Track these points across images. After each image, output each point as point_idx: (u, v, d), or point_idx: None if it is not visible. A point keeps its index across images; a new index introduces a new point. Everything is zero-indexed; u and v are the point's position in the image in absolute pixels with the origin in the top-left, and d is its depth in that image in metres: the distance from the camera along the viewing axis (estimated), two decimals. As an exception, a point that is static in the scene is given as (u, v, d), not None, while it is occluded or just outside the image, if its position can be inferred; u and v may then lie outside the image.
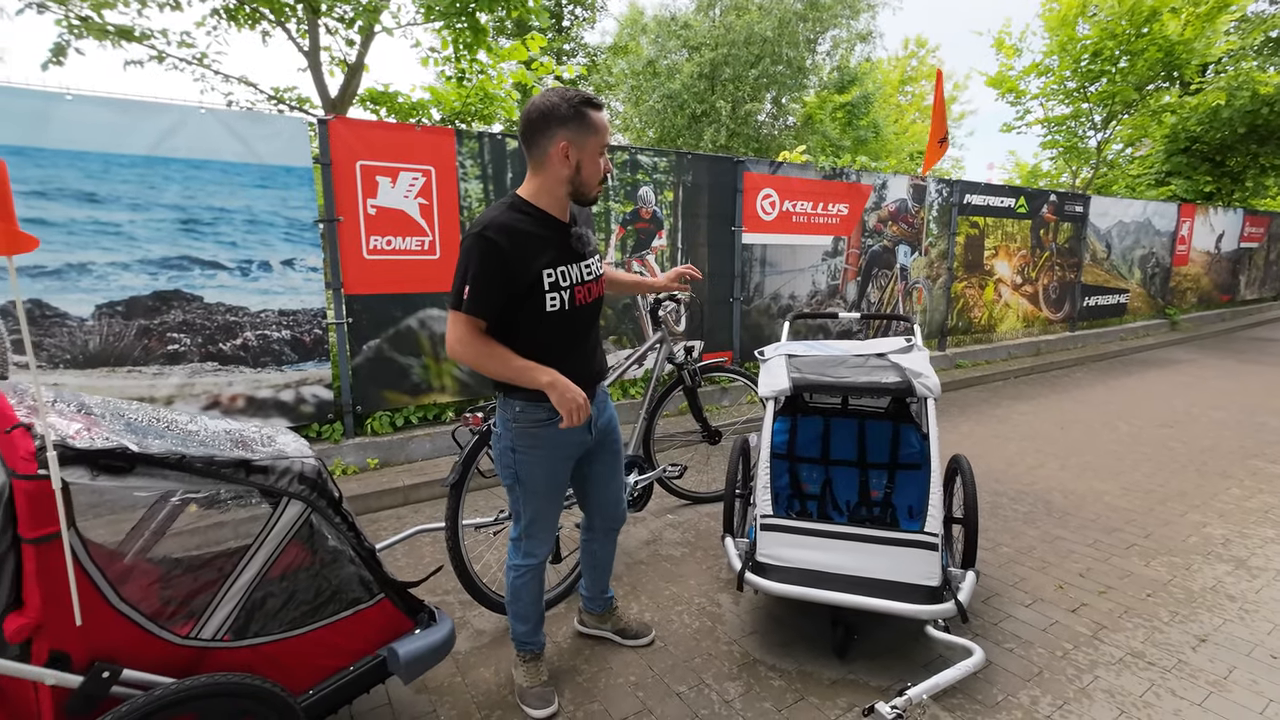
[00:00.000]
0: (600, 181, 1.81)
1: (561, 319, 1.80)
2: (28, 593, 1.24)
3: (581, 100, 1.72)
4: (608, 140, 1.80)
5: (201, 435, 1.58)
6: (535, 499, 1.96)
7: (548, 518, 2.03)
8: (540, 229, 1.77)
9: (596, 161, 1.77)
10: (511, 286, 1.71)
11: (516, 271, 1.71)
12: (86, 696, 1.27)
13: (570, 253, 1.84)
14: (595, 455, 2.08)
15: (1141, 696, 2.12)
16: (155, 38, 4.80)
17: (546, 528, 2.04)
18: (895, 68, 26.67)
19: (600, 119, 1.75)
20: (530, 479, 1.93)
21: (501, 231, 1.69)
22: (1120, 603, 2.68)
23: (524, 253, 1.72)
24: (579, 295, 1.84)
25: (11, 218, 1.15)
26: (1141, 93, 10.55)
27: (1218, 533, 3.31)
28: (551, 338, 1.80)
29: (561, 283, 1.79)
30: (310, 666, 1.66)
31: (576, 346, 1.89)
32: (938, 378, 2.58)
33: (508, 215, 1.74)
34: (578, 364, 1.87)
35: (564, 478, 2.01)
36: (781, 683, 2.19)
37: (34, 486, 1.21)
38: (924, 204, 6.83)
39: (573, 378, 1.76)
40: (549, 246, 1.78)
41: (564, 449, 1.94)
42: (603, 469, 2.12)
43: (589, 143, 1.74)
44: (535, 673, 2.12)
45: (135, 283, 3.30)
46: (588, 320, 1.93)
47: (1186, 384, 6.84)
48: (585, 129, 1.73)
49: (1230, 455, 4.50)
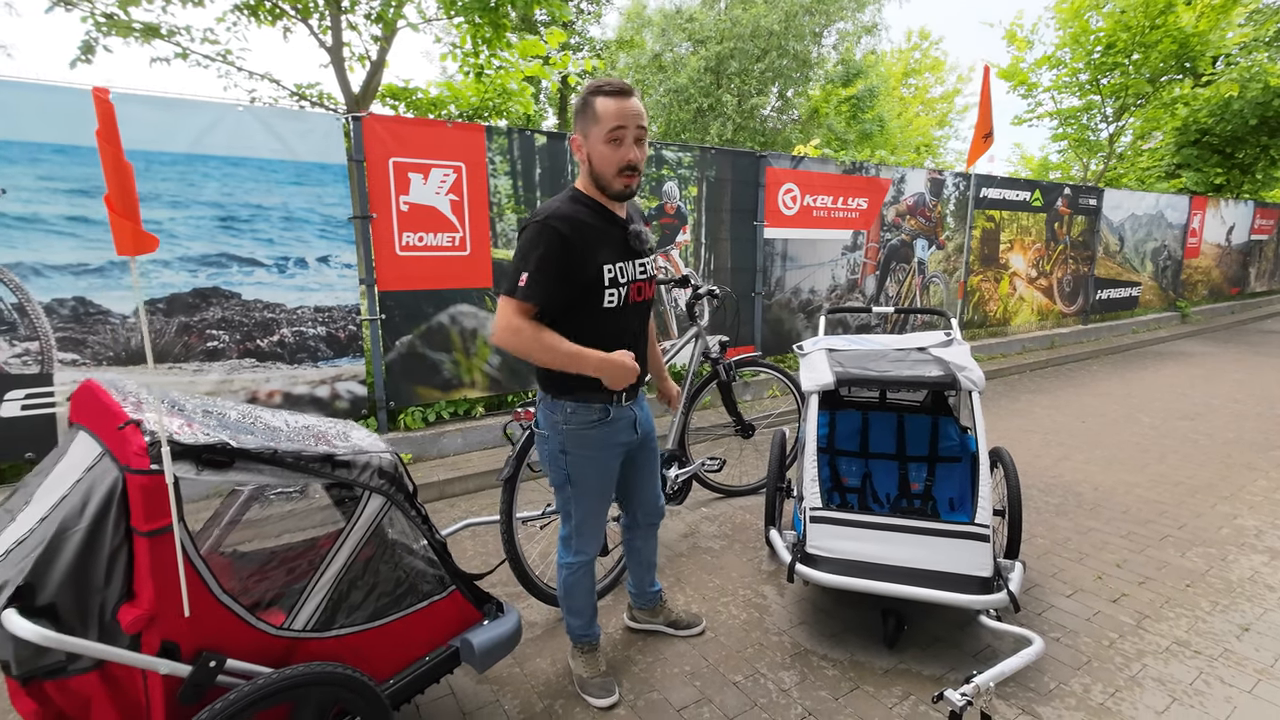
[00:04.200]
0: (621, 172, 1.72)
1: (615, 315, 1.82)
2: (139, 584, 1.27)
3: (592, 89, 1.69)
4: (619, 124, 1.67)
5: (285, 431, 1.61)
6: (587, 499, 1.98)
7: (598, 516, 2.05)
8: (600, 222, 1.78)
9: (602, 150, 1.70)
10: (571, 278, 1.71)
11: (578, 263, 1.71)
12: (195, 685, 1.30)
13: (628, 249, 1.84)
14: (636, 454, 2.10)
15: (1191, 684, 2.16)
16: (181, 34, 4.80)
17: (596, 526, 2.06)
18: (899, 60, 26.58)
19: (605, 105, 1.67)
20: (582, 479, 1.95)
21: (565, 221, 1.70)
22: (1160, 593, 2.71)
23: (586, 245, 1.72)
24: (632, 293, 1.85)
25: (137, 218, 1.17)
26: (1155, 85, 10.51)
27: (1250, 524, 3.34)
28: (604, 334, 1.80)
29: (620, 279, 1.79)
30: (389, 657, 1.69)
31: (630, 343, 1.90)
32: (981, 371, 2.60)
33: (570, 206, 1.74)
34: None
35: (614, 477, 2.03)
36: (835, 672, 2.23)
37: (149, 481, 1.23)
38: (941, 198, 6.84)
39: None
40: (609, 241, 1.79)
41: (614, 449, 1.96)
42: (643, 467, 2.15)
43: (592, 132, 1.70)
44: (594, 664, 2.16)
45: (176, 280, 3.32)
46: (640, 318, 1.95)
47: (1203, 376, 6.86)
48: (589, 119, 1.70)
49: (1254, 447, 4.53)
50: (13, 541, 1.29)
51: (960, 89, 27.17)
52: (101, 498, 1.25)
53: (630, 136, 1.69)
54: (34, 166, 2.97)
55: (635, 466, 2.13)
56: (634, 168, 1.72)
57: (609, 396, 1.87)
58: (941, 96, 27.38)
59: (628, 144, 1.70)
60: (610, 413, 1.90)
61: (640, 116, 1.70)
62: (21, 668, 1.20)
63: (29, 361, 3.07)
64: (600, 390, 1.84)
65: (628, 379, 1.78)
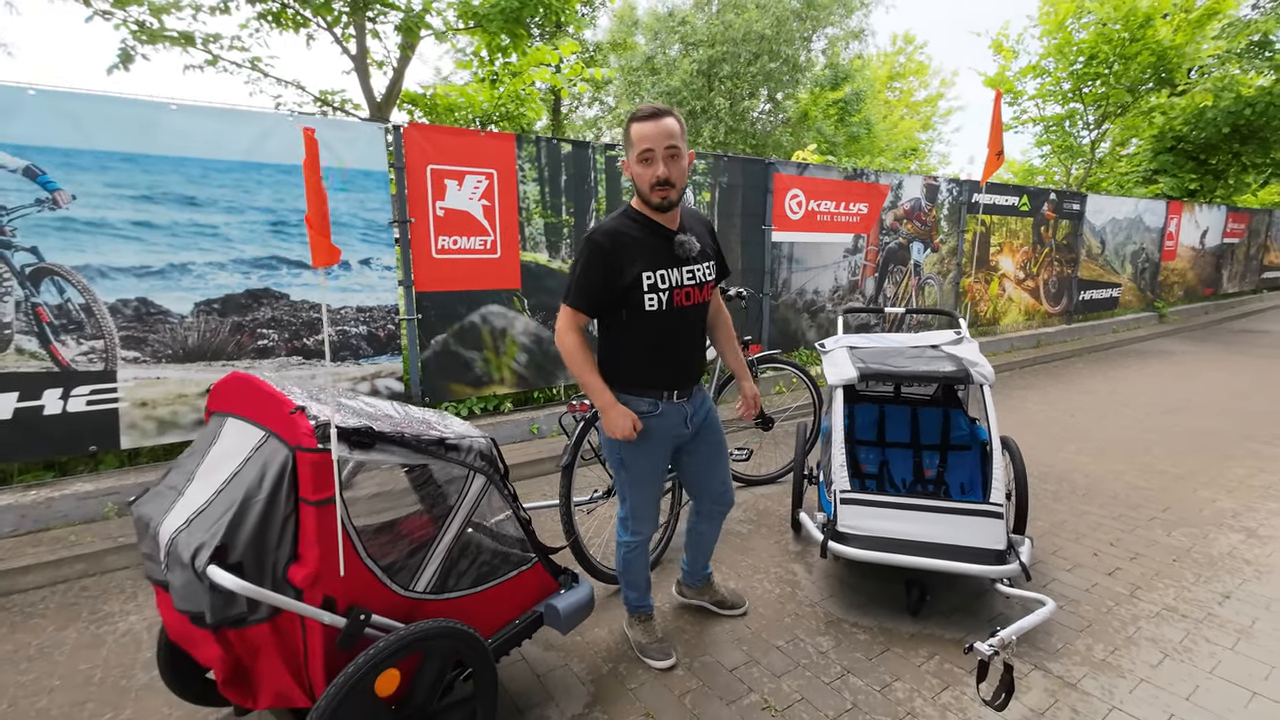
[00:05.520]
0: (653, 187, 1.90)
1: (660, 318, 1.99)
2: (304, 547, 1.48)
3: (630, 117, 1.92)
4: (648, 146, 1.86)
5: (398, 418, 1.82)
6: (638, 483, 2.19)
7: (649, 501, 2.24)
8: (645, 234, 1.97)
9: (637, 170, 1.91)
10: (612, 284, 1.94)
11: (616, 271, 1.93)
12: (349, 635, 1.51)
13: (672, 258, 2.00)
14: (693, 447, 2.26)
15: (1180, 643, 2.44)
16: (217, 42, 4.93)
17: (649, 509, 2.25)
18: (884, 64, 27.08)
19: (637, 130, 1.88)
20: (634, 465, 2.16)
21: (607, 235, 1.94)
22: (1150, 567, 3.00)
23: (624, 255, 1.93)
24: (678, 298, 2.00)
25: (327, 232, 1.38)
26: (1134, 94, 10.96)
27: (1227, 506, 3.65)
28: (651, 334, 2.00)
29: (660, 285, 1.97)
30: (489, 618, 1.91)
31: (675, 345, 2.06)
32: (990, 366, 2.87)
33: (617, 221, 1.99)
34: (674, 361, 2.07)
35: (664, 464, 2.20)
36: (866, 637, 2.48)
37: (318, 458, 1.44)
38: (936, 203, 7.15)
39: (669, 373, 2.03)
40: (650, 251, 1.96)
41: (663, 440, 2.14)
42: (703, 458, 2.30)
43: (630, 154, 1.93)
44: (650, 631, 2.38)
45: (230, 281, 3.49)
46: (689, 322, 2.08)
47: (1182, 374, 7.25)
48: (627, 143, 1.93)
49: (1230, 438, 4.87)
50: (192, 511, 1.49)
51: (943, 93, 27.79)
52: (275, 472, 1.45)
53: (659, 155, 1.87)
54: (102, 174, 3.12)
55: (693, 457, 2.29)
56: (664, 182, 1.89)
57: (658, 393, 2.07)
58: (925, 100, 27.94)
59: (656, 162, 1.88)
60: (659, 407, 2.09)
61: (670, 135, 1.87)
62: (214, 616, 1.40)
63: (94, 359, 3.23)
64: (648, 386, 2.06)
65: (622, 434, 1.99)
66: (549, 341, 4.63)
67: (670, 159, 1.89)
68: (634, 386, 2.07)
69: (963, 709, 2.10)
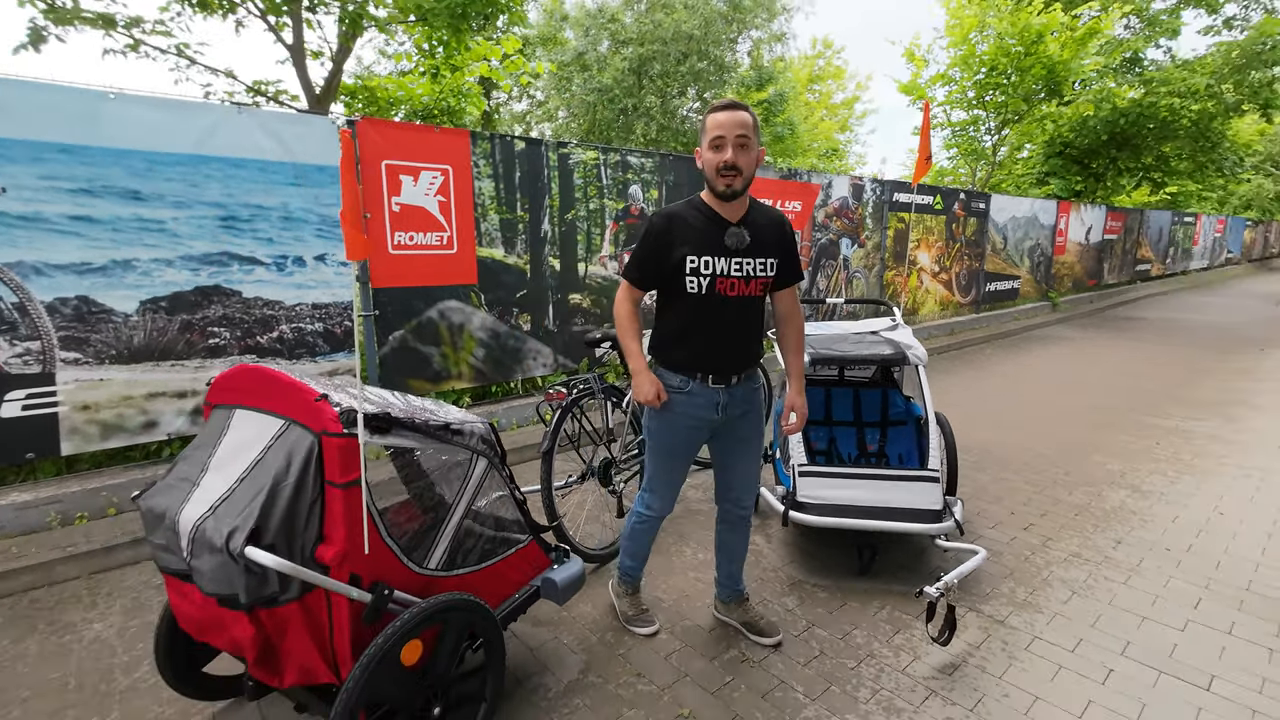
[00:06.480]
0: (719, 172, 1.98)
1: (700, 302, 2.06)
2: (331, 527, 1.55)
3: (708, 109, 2.03)
4: (720, 133, 1.95)
5: (401, 406, 1.89)
6: (656, 455, 2.27)
7: (665, 474, 2.27)
8: (701, 221, 2.06)
9: (707, 156, 2.01)
10: (661, 263, 2.07)
11: (666, 251, 2.06)
12: (375, 609, 1.59)
13: (722, 247, 2.05)
14: (722, 437, 2.27)
15: (1084, 581, 2.84)
16: (139, 25, 4.63)
17: (665, 486, 2.29)
18: (805, 67, 28.22)
19: (712, 118, 1.99)
20: (656, 434, 2.23)
21: (664, 217, 2.09)
22: (1057, 521, 3.44)
23: (675, 237, 2.04)
24: (720, 286, 2.05)
25: (360, 226, 1.45)
26: (1028, 103, 12.02)
27: (1116, 468, 4.20)
28: (688, 315, 2.10)
29: (703, 270, 2.04)
30: (493, 592, 2.02)
31: (711, 330, 2.10)
32: (924, 348, 3.21)
33: (679, 206, 2.13)
34: (713, 346, 2.11)
35: (685, 445, 2.21)
36: (826, 594, 2.75)
37: (345, 442, 1.52)
38: (862, 201, 7.65)
39: (706, 356, 2.11)
40: (701, 237, 2.04)
41: (688, 419, 2.17)
42: (726, 449, 2.29)
43: (702, 142, 2.03)
44: (636, 603, 2.54)
45: (178, 278, 3.37)
46: (732, 311, 2.10)
47: (1074, 356, 8.09)
48: (702, 131, 2.02)
49: (1117, 411, 5.55)
50: (216, 499, 1.53)
51: (859, 96, 29.24)
52: (303, 458, 1.51)
53: (730, 142, 1.95)
54: (36, 166, 2.96)
55: (719, 444, 2.30)
56: (731, 167, 1.96)
57: (690, 373, 2.13)
58: (843, 103, 29.33)
59: (726, 148, 1.96)
60: (690, 385, 2.14)
61: (742, 126, 1.95)
62: (249, 596, 1.45)
63: (30, 361, 3.06)
64: (680, 364, 2.13)
65: (644, 397, 2.13)
66: (506, 336, 4.70)
67: (740, 148, 1.96)
68: (668, 361, 2.18)
69: (913, 648, 2.39)
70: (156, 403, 3.38)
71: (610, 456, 3.10)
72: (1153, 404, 5.77)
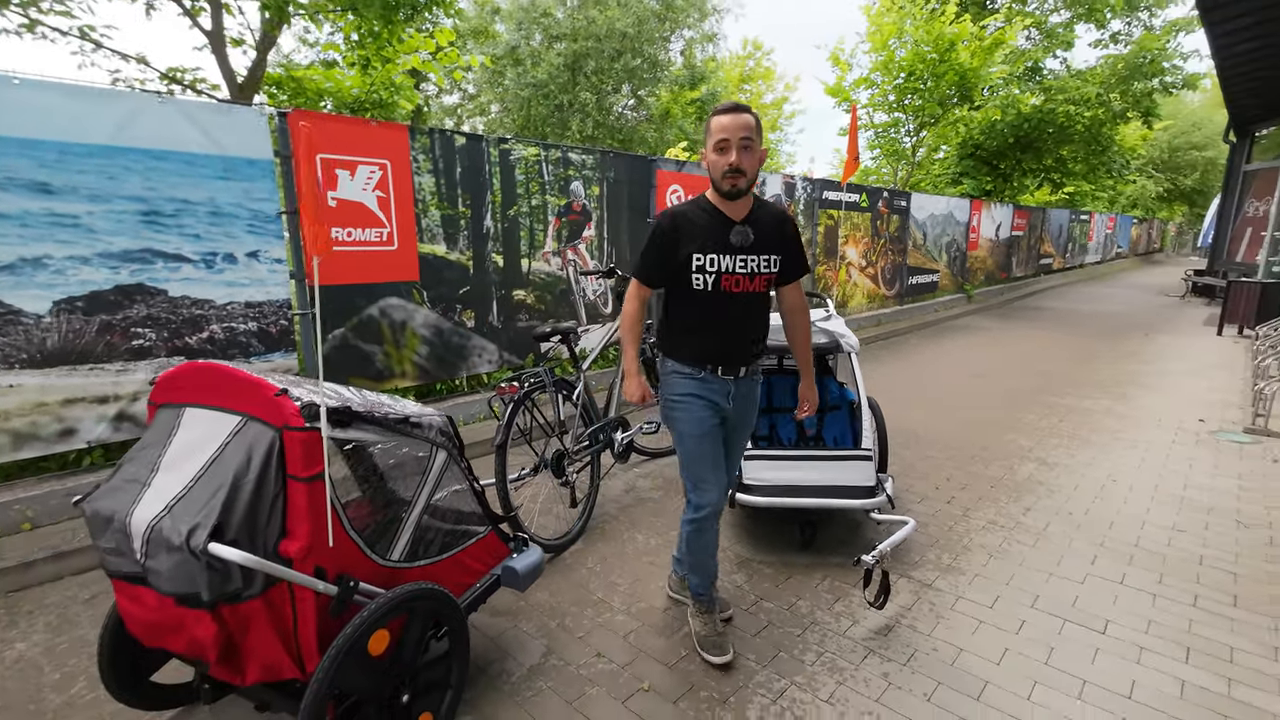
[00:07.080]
0: (724, 175, 2.03)
1: (706, 298, 2.13)
2: (294, 522, 1.55)
3: (712, 111, 2.07)
4: (724, 136, 2.01)
5: (358, 400, 1.90)
6: (682, 442, 2.24)
7: (699, 461, 2.21)
8: (705, 220, 2.11)
9: (712, 158, 2.06)
10: (667, 261, 2.13)
11: (672, 249, 2.11)
12: (341, 601, 1.60)
13: (727, 245, 2.11)
14: (724, 426, 2.30)
15: (999, 546, 3.13)
16: (34, 5, 4.26)
17: (710, 470, 2.21)
18: (736, 67, 28.85)
19: (716, 121, 2.04)
20: (679, 424, 2.23)
21: (670, 217, 2.15)
22: (975, 493, 3.74)
23: (681, 235, 2.11)
24: (725, 283, 2.11)
25: (322, 220, 1.45)
26: (943, 107, 12.78)
27: (1025, 444, 4.60)
28: (695, 311, 2.17)
29: (708, 267, 2.09)
30: (456, 582, 2.05)
31: (719, 326, 2.17)
32: (856, 337, 3.43)
33: (685, 206, 2.18)
34: (717, 341, 2.17)
35: (707, 429, 2.20)
36: (771, 570, 2.91)
37: (307, 436, 1.52)
38: (794, 198, 7.96)
39: (711, 350, 2.17)
40: (706, 235, 2.09)
41: (705, 402, 2.20)
42: (724, 440, 2.32)
43: (707, 144, 2.08)
44: (711, 623, 2.33)
45: (96, 277, 3.18)
46: (738, 307, 2.16)
47: (988, 344, 8.71)
48: (706, 134, 2.08)
49: (1025, 393, 6.04)
50: (171, 498, 1.50)
51: (788, 97, 30.15)
52: (264, 453, 1.51)
53: (734, 144, 2.01)
54: (-70, 155, 2.73)
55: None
56: (736, 170, 2.02)
57: (699, 365, 2.19)
58: (772, 103, 30.17)
59: (730, 151, 2.01)
60: (703, 373, 2.19)
61: (745, 128, 2.01)
62: (212, 593, 1.44)
63: (-73, 367, 2.82)
64: (688, 357, 2.19)
65: (628, 398, 2.25)
66: (450, 333, 4.66)
67: (744, 149, 2.02)
68: (677, 355, 2.23)
69: (852, 614, 2.58)
70: (74, 409, 3.18)
71: (563, 448, 3.15)
72: (1056, 386, 6.31)
